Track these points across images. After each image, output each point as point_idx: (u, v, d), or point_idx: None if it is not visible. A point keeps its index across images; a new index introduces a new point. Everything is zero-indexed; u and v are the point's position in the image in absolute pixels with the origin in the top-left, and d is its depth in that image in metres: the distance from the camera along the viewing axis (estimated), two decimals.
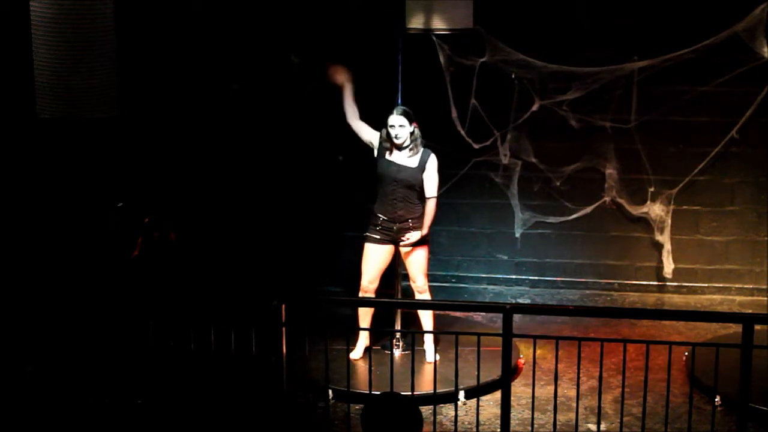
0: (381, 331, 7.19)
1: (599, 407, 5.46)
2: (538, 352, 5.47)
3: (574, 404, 5.63)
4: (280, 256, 8.49)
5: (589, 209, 8.32)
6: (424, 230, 6.87)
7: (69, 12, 4.97)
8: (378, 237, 6.89)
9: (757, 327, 5.02)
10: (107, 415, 6.05)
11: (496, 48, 7.81)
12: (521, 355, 7.20)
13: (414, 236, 6.83)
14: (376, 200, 6.92)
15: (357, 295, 7.06)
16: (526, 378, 6.81)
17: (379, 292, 7.05)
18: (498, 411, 5.31)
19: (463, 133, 8.01)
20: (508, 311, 5.11)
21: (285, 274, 8.32)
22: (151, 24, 7.87)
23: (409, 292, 7.21)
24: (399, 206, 6.83)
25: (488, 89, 8.03)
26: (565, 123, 8.08)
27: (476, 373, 5.72)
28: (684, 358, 6.94)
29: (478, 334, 5.39)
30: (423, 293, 6.99)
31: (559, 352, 5.32)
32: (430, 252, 7.09)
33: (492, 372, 6.23)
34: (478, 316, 7.99)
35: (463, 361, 5.69)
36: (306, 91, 8.36)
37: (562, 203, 8.35)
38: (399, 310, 7.21)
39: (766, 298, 8.05)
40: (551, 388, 5.76)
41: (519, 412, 6.41)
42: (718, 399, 6.11)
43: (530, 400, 5.49)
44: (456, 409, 5.83)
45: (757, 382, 5.31)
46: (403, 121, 6.75)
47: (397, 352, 7.15)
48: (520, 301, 8.46)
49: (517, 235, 8.45)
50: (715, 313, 7.78)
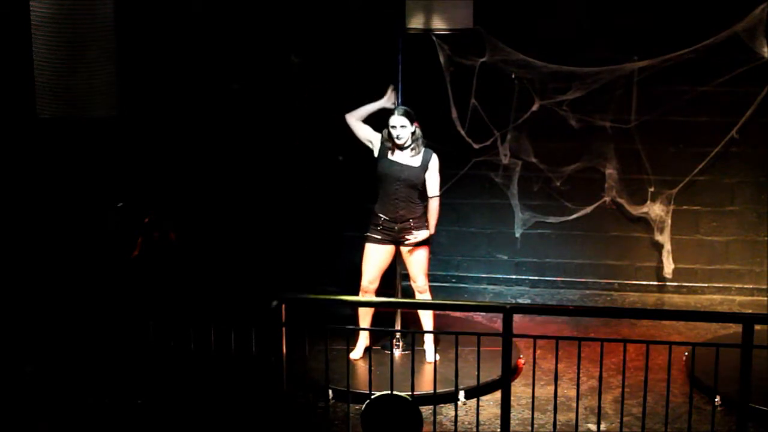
0: (381, 331, 7.19)
1: (599, 407, 5.45)
2: (538, 352, 5.46)
3: (574, 404, 5.63)
4: (280, 256, 8.49)
5: (589, 209, 8.32)
6: (432, 229, 6.88)
7: (69, 12, 4.98)
8: (379, 237, 6.89)
9: (757, 327, 5.02)
10: (107, 415, 6.05)
11: (496, 48, 7.81)
12: (521, 355, 7.20)
13: (421, 235, 6.83)
14: (376, 200, 6.92)
15: (357, 295, 7.05)
16: (526, 378, 6.81)
17: (379, 292, 7.05)
18: (498, 411, 5.31)
19: (463, 133, 8.01)
20: (508, 311, 5.11)
21: (285, 274, 8.32)
22: (151, 24, 7.88)
23: (410, 292, 7.21)
24: (401, 206, 6.82)
25: (488, 89, 8.03)
26: (565, 123, 8.09)
27: (476, 373, 5.71)
28: (684, 358, 6.94)
29: (478, 334, 5.39)
30: (423, 293, 6.99)
31: (559, 352, 5.31)
32: (430, 252, 7.08)
33: (492, 372, 6.23)
34: (478, 316, 7.98)
35: (463, 361, 5.69)
36: (306, 91, 8.37)
37: (562, 203, 8.36)
38: (399, 310, 7.21)
39: (766, 298, 8.05)
40: (551, 388, 5.76)
41: (519, 412, 6.41)
42: (718, 399, 6.11)
43: (530, 400, 5.49)
44: (456, 409, 5.82)
45: (757, 382, 5.31)
46: (405, 121, 6.75)
47: (397, 352, 7.15)
48: (520, 301, 8.46)
49: (517, 235, 8.46)
50: (715, 313, 7.78)
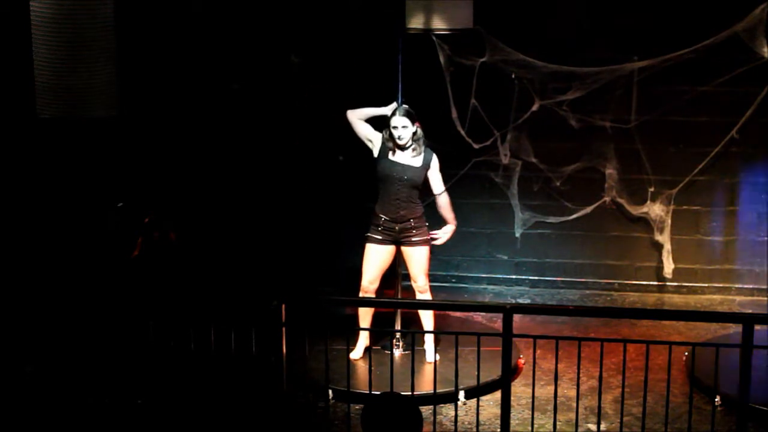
0: (381, 331, 7.19)
1: (599, 407, 5.45)
2: (538, 352, 5.46)
3: (574, 404, 5.62)
4: (280, 256, 8.49)
5: (589, 209, 8.32)
6: (453, 222, 6.96)
7: (69, 12, 4.97)
8: (379, 237, 6.89)
9: (757, 327, 5.02)
10: (107, 415, 6.05)
11: (496, 48, 7.81)
12: (521, 355, 7.20)
13: (448, 232, 6.95)
14: (377, 200, 6.91)
15: (357, 295, 7.05)
16: (526, 378, 6.81)
17: (379, 292, 7.05)
18: (498, 411, 5.31)
19: (463, 133, 8.01)
20: (508, 311, 5.10)
21: (285, 275, 8.32)
22: (151, 24, 7.88)
23: (410, 292, 7.21)
24: (402, 206, 6.82)
25: (488, 89, 8.03)
26: (565, 123, 8.08)
27: (476, 373, 5.71)
28: (684, 358, 6.94)
29: (478, 334, 5.39)
30: (424, 293, 6.98)
31: (559, 352, 5.31)
32: (431, 252, 7.08)
33: (492, 372, 6.22)
34: (478, 316, 7.98)
35: (463, 361, 5.68)
36: (306, 91, 8.37)
37: (562, 203, 8.35)
38: (399, 310, 7.21)
39: (766, 298, 8.05)
40: (551, 388, 5.76)
41: (519, 412, 6.41)
42: (718, 399, 6.10)
43: (530, 400, 5.49)
44: (456, 409, 5.83)
45: (757, 382, 5.31)
46: (406, 122, 6.74)
47: (397, 352, 7.14)
48: (520, 301, 8.46)
49: (517, 235, 8.46)
50: (715, 313, 7.77)
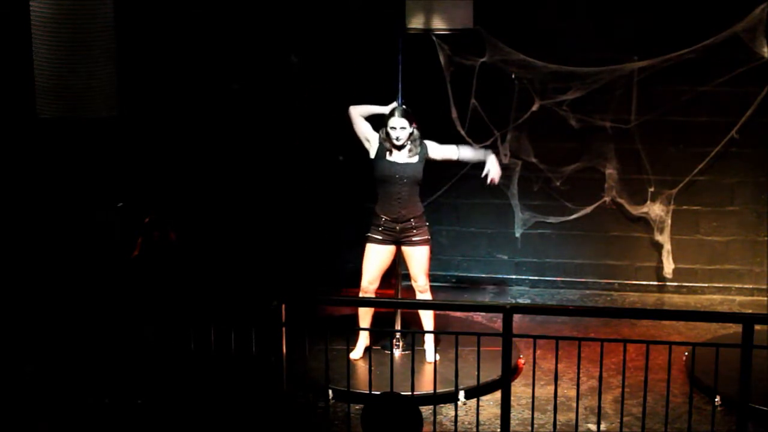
0: (381, 331, 7.19)
1: (599, 407, 5.45)
2: (538, 352, 5.46)
3: (574, 404, 5.62)
4: (280, 256, 8.49)
5: (589, 209, 8.32)
6: (488, 154, 6.97)
7: (69, 12, 4.98)
8: (380, 237, 6.89)
9: (757, 327, 5.02)
10: (107, 415, 6.05)
11: (496, 48, 7.80)
12: (521, 355, 7.20)
13: (493, 163, 6.90)
14: (377, 201, 6.91)
15: (357, 295, 7.05)
16: (526, 378, 6.81)
17: (379, 292, 7.05)
18: (498, 411, 5.31)
19: (463, 133, 8.00)
20: (508, 311, 5.10)
21: (285, 275, 8.32)
22: (151, 24, 7.88)
23: (410, 292, 7.21)
24: (403, 206, 6.81)
25: (488, 89, 8.03)
26: (565, 123, 8.08)
27: (476, 373, 5.71)
28: (684, 358, 6.94)
29: (478, 334, 5.39)
30: (424, 293, 6.98)
31: (559, 352, 5.31)
32: (431, 252, 7.08)
33: (492, 372, 6.22)
34: (478, 316, 7.98)
35: (463, 361, 5.68)
36: (306, 91, 8.37)
37: (562, 203, 8.35)
38: (399, 310, 7.20)
39: (766, 298, 8.05)
40: (551, 388, 5.76)
41: (519, 412, 6.41)
42: (718, 399, 6.11)
43: (530, 400, 5.49)
44: (456, 409, 5.83)
45: (757, 382, 5.31)
46: (405, 122, 6.74)
47: (397, 352, 7.14)
48: (520, 301, 8.46)
49: (517, 235, 8.45)
50: (715, 313, 7.77)
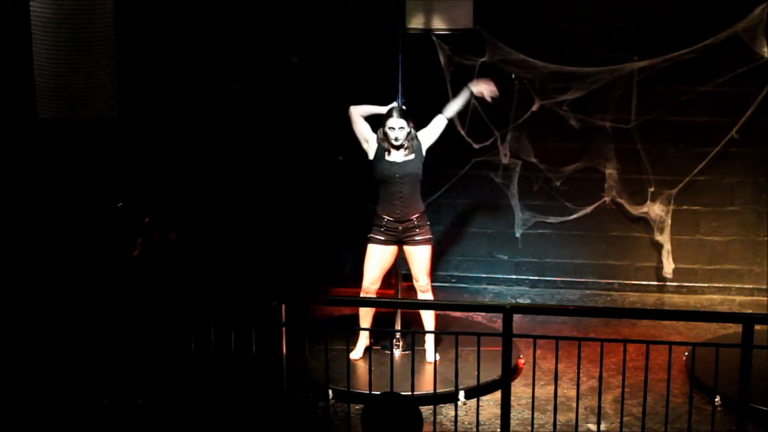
0: (381, 331, 7.19)
1: (599, 407, 5.45)
2: (538, 352, 5.46)
3: (574, 404, 5.63)
4: (280, 256, 8.49)
5: (589, 209, 8.32)
6: (468, 89, 6.90)
7: (69, 12, 4.98)
8: (382, 238, 6.88)
9: (757, 327, 5.02)
10: (107, 415, 6.05)
11: (496, 48, 7.80)
12: (521, 355, 7.20)
13: (481, 84, 6.89)
14: (378, 201, 6.90)
15: (357, 295, 7.05)
16: (526, 378, 6.81)
17: (379, 292, 7.05)
18: (498, 411, 5.31)
19: (463, 133, 8.00)
20: (508, 311, 5.10)
21: (285, 274, 8.32)
22: (151, 24, 7.88)
23: (411, 292, 7.21)
24: (404, 205, 6.81)
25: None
26: (565, 123, 8.08)
27: (476, 373, 5.71)
28: (684, 358, 6.94)
29: (478, 334, 5.39)
30: (426, 293, 6.97)
31: (559, 352, 5.31)
32: (433, 252, 7.07)
33: (492, 372, 6.22)
34: (478, 316, 7.98)
35: (463, 361, 5.69)
36: (306, 91, 8.37)
37: (562, 203, 8.36)
38: (399, 310, 7.20)
39: (766, 298, 8.05)
40: (551, 388, 5.76)
41: (519, 412, 6.41)
42: (718, 399, 6.11)
43: (530, 400, 5.49)
44: (456, 409, 5.83)
45: (757, 382, 5.31)
46: (403, 123, 6.75)
47: (397, 352, 7.14)
48: (520, 301, 8.46)
49: (517, 235, 8.46)
50: (715, 313, 7.77)
